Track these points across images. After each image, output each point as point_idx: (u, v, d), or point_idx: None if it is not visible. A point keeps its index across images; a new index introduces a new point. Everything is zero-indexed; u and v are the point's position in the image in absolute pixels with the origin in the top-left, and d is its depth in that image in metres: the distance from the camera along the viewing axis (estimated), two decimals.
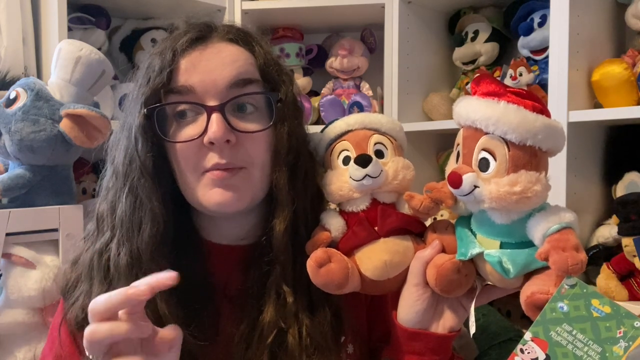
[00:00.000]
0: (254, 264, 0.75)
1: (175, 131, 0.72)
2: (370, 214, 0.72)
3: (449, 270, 0.67)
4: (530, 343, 0.60)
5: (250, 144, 0.72)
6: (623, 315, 0.58)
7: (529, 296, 0.62)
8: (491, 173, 0.63)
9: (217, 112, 0.70)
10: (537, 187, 0.62)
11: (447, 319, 0.72)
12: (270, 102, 0.74)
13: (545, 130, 0.62)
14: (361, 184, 0.70)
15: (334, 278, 0.69)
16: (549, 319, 0.59)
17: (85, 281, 0.75)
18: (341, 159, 0.74)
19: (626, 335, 0.57)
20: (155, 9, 1.66)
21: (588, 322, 0.59)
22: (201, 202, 0.73)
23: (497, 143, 0.63)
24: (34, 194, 1.17)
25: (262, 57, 0.76)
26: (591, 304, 0.59)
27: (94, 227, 0.78)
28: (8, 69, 1.35)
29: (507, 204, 0.62)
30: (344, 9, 1.74)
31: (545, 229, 0.62)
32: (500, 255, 0.64)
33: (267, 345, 0.72)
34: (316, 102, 1.81)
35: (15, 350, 1.15)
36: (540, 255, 0.60)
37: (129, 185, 0.72)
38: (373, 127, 0.76)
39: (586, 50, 1.25)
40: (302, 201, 0.75)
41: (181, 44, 0.72)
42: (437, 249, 0.70)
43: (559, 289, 0.60)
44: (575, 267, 0.58)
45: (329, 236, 0.73)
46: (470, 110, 0.65)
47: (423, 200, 0.70)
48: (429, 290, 0.70)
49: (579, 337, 0.58)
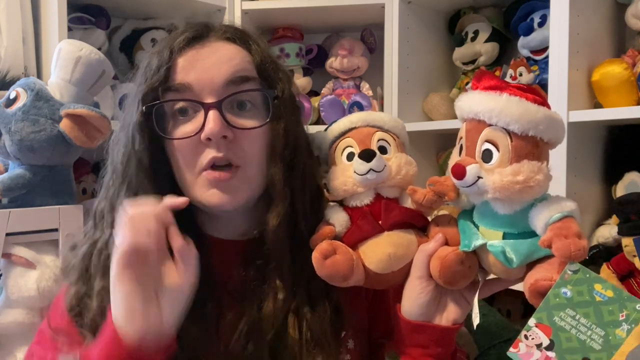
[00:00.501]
0: (255, 258, 0.76)
1: (172, 128, 0.73)
2: (374, 208, 0.73)
3: (453, 262, 0.68)
4: (534, 329, 0.61)
5: (247, 140, 0.73)
6: (625, 299, 0.59)
7: (532, 283, 0.63)
8: (494, 164, 0.64)
9: (214, 109, 0.70)
10: (540, 176, 0.63)
11: (450, 312, 0.72)
12: (267, 99, 0.75)
13: (547, 121, 0.64)
14: (365, 178, 0.72)
15: (340, 269, 0.70)
16: (552, 304, 0.60)
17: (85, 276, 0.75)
18: (345, 155, 0.76)
19: (629, 318, 0.58)
20: (155, 9, 1.66)
21: (591, 306, 0.60)
22: (200, 201, 0.73)
23: (500, 134, 0.64)
24: (34, 194, 1.17)
25: (259, 55, 0.76)
26: (594, 288, 0.60)
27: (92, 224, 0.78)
28: (8, 69, 1.35)
29: (510, 194, 0.63)
30: (344, 9, 1.74)
31: (547, 217, 0.63)
32: (504, 245, 0.65)
33: (268, 340, 0.72)
34: (316, 102, 1.81)
35: (15, 350, 1.15)
36: (543, 242, 0.61)
37: (128, 183, 0.72)
38: (376, 125, 0.77)
39: (586, 50, 1.25)
40: (301, 197, 0.75)
41: (178, 43, 0.73)
42: (441, 242, 0.70)
43: (562, 275, 0.61)
44: (577, 253, 0.60)
45: (333, 230, 0.74)
46: (473, 104, 0.67)
47: (426, 194, 0.71)
48: (432, 282, 0.71)
49: (582, 322, 0.59)
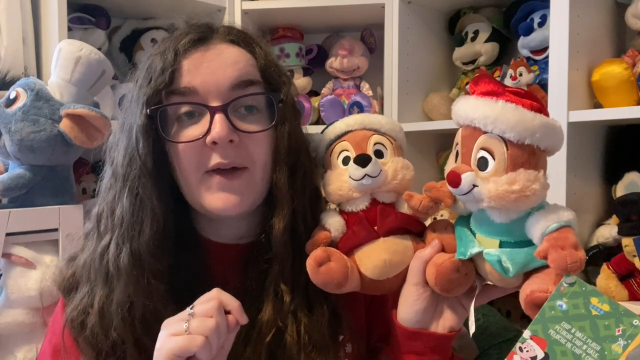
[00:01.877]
0: (253, 262, 0.76)
1: (177, 132, 0.73)
2: (370, 214, 0.73)
3: (449, 269, 0.67)
4: (529, 341, 0.60)
5: (252, 144, 0.73)
6: (622, 314, 0.58)
7: (528, 295, 0.62)
8: (490, 172, 0.63)
9: (220, 113, 0.70)
10: (536, 185, 0.62)
11: (447, 319, 0.72)
12: (272, 102, 0.75)
13: (543, 128, 0.63)
14: (360, 184, 0.71)
15: (334, 277, 0.70)
16: (547, 317, 0.59)
17: (85, 284, 0.75)
18: (341, 159, 0.75)
19: (625, 333, 0.57)
20: (155, 9, 1.65)
21: (587, 320, 0.58)
22: (203, 205, 0.73)
23: (495, 142, 0.63)
24: (34, 194, 1.17)
25: (262, 58, 0.76)
26: (590, 302, 0.59)
27: (92, 227, 0.78)
28: (8, 69, 1.35)
29: (505, 203, 0.62)
30: (344, 9, 1.73)
31: (544, 227, 0.62)
32: (500, 254, 0.64)
33: (266, 344, 0.72)
34: (316, 102, 1.80)
35: (15, 350, 1.15)
36: (539, 253, 0.61)
37: (129, 186, 0.72)
38: (373, 128, 0.76)
39: (586, 50, 1.25)
40: (301, 200, 0.75)
41: (183, 45, 0.72)
42: (437, 248, 0.70)
43: (557, 287, 0.60)
44: (574, 265, 0.58)
45: (329, 236, 0.73)
46: (468, 109, 0.66)
47: (422, 200, 0.70)
48: (428, 289, 0.70)
49: (578, 336, 0.58)
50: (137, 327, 0.71)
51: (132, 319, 0.71)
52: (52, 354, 0.78)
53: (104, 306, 0.72)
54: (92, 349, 0.72)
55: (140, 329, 0.71)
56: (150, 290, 0.70)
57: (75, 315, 0.74)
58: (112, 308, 0.71)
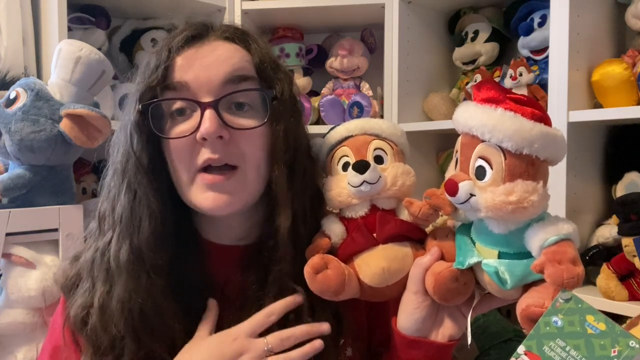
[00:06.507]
0: (254, 264, 0.75)
1: (170, 128, 0.72)
2: (369, 220, 0.72)
3: (447, 279, 0.66)
4: (523, 357, 0.58)
5: (244, 141, 0.72)
6: (618, 334, 0.56)
7: (524, 309, 0.60)
8: (487, 181, 0.62)
9: (210, 108, 0.69)
10: (534, 197, 0.60)
11: (447, 328, 0.71)
12: (265, 99, 0.73)
13: (543, 138, 0.60)
14: (359, 190, 0.70)
15: (331, 284, 0.69)
16: (542, 333, 0.57)
17: (87, 280, 0.75)
18: (341, 164, 0.74)
19: (621, 354, 0.55)
20: (155, 9, 1.66)
21: (582, 338, 0.56)
22: (194, 204, 0.73)
23: (493, 151, 0.62)
24: (34, 194, 1.17)
25: (258, 54, 0.75)
26: (586, 320, 0.57)
27: (96, 225, 0.78)
28: (8, 69, 1.35)
29: (502, 214, 0.60)
30: (344, 9, 1.73)
31: (542, 240, 0.60)
32: (498, 266, 0.63)
33: None
34: (316, 102, 1.80)
35: (15, 350, 1.16)
36: (535, 267, 0.59)
37: (127, 182, 0.72)
38: (373, 133, 0.75)
39: (586, 50, 1.25)
40: (302, 201, 0.74)
41: (177, 42, 0.72)
42: (436, 256, 0.68)
43: (553, 303, 0.58)
44: (570, 281, 0.57)
45: (329, 242, 0.73)
46: (467, 117, 0.64)
47: (422, 207, 0.69)
48: (428, 298, 0.69)
49: (573, 354, 0.56)
50: (136, 323, 0.71)
51: (132, 314, 0.71)
52: (51, 353, 0.79)
53: (104, 302, 0.72)
54: (92, 345, 0.72)
55: (140, 324, 0.71)
56: (150, 286, 0.71)
57: (76, 311, 0.74)
58: (113, 303, 0.71)
